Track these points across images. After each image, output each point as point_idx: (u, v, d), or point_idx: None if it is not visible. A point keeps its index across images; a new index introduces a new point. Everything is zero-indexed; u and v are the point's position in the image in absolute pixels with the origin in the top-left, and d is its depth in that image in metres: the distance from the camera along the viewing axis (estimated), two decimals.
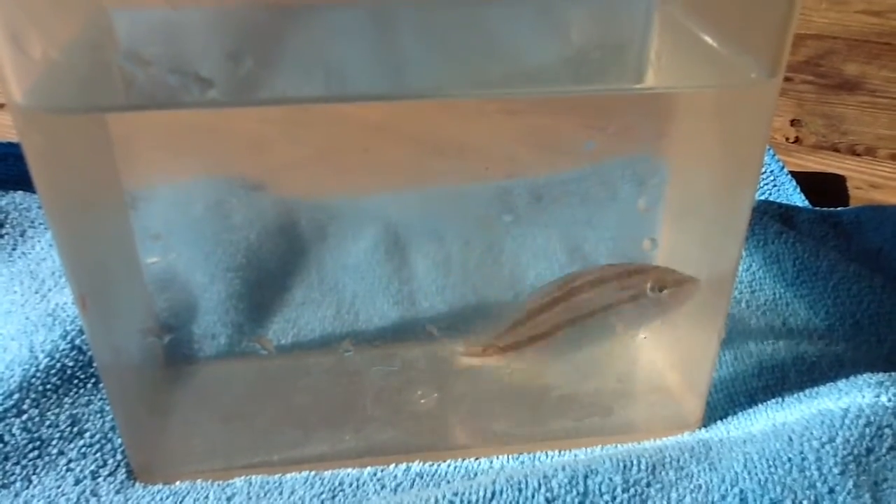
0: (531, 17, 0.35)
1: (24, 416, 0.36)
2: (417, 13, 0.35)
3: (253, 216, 0.39)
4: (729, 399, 0.40)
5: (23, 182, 0.56)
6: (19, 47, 0.27)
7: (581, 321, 0.36)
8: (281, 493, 0.34)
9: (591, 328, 0.36)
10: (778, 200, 0.60)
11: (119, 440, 0.36)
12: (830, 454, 0.32)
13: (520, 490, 0.31)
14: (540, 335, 0.36)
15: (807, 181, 0.62)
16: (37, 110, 0.28)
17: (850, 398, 0.35)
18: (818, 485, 0.31)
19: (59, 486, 0.34)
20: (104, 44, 0.31)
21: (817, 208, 0.59)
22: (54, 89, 0.29)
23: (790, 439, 0.33)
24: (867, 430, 0.33)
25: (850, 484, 0.31)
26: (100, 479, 0.35)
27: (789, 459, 0.32)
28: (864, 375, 0.37)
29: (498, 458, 0.37)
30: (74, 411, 0.37)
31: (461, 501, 0.31)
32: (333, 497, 0.34)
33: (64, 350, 0.39)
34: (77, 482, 0.34)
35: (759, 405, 0.39)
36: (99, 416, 0.37)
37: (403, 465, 0.36)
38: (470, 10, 0.36)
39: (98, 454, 0.35)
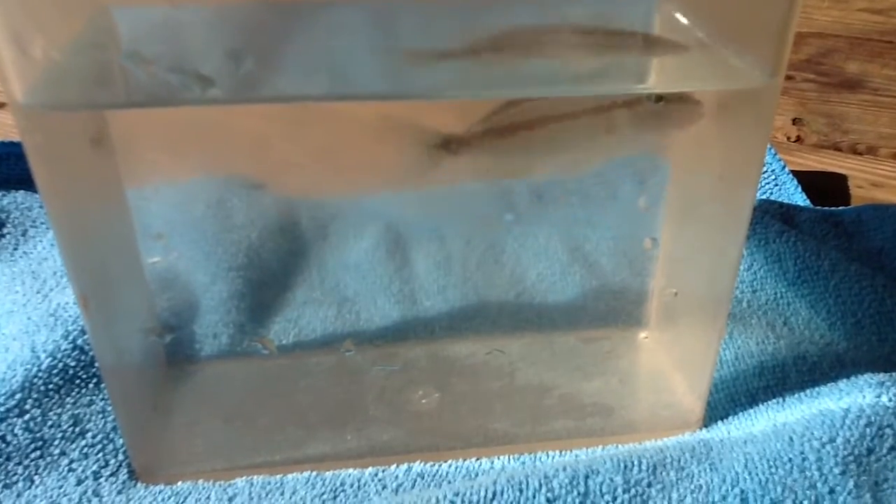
0: (532, 18, 0.35)
1: (27, 417, 0.36)
2: (419, 12, 0.35)
3: (254, 215, 0.39)
4: (730, 399, 0.40)
5: (24, 181, 0.56)
6: (21, 46, 0.27)
7: (569, 119, 0.32)
8: (282, 494, 0.34)
9: (579, 129, 0.33)
10: (779, 199, 0.60)
11: (121, 440, 0.36)
12: (831, 454, 0.32)
13: (521, 490, 0.31)
14: (523, 124, 0.31)
15: (808, 180, 0.62)
16: (38, 109, 0.28)
17: (851, 398, 0.35)
18: (819, 485, 0.31)
19: (60, 487, 0.34)
20: (105, 42, 0.31)
21: (819, 207, 0.59)
22: (56, 88, 0.29)
23: (791, 439, 0.33)
24: (868, 431, 0.33)
25: (851, 484, 0.31)
26: (102, 480, 0.35)
27: (790, 460, 0.32)
28: (866, 375, 0.37)
29: (499, 458, 0.37)
30: (76, 411, 0.37)
31: (462, 502, 0.31)
32: (335, 497, 0.34)
33: (66, 350, 0.39)
34: (79, 482, 0.34)
35: (760, 405, 0.39)
36: (101, 416, 0.37)
37: (405, 466, 0.36)
38: (472, 11, 0.36)
39: (100, 454, 0.36)
